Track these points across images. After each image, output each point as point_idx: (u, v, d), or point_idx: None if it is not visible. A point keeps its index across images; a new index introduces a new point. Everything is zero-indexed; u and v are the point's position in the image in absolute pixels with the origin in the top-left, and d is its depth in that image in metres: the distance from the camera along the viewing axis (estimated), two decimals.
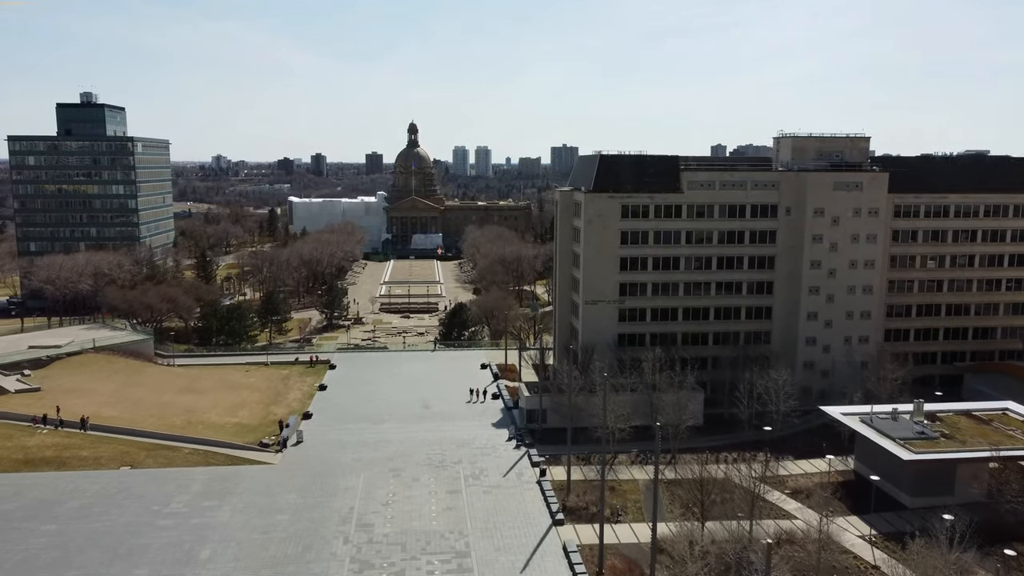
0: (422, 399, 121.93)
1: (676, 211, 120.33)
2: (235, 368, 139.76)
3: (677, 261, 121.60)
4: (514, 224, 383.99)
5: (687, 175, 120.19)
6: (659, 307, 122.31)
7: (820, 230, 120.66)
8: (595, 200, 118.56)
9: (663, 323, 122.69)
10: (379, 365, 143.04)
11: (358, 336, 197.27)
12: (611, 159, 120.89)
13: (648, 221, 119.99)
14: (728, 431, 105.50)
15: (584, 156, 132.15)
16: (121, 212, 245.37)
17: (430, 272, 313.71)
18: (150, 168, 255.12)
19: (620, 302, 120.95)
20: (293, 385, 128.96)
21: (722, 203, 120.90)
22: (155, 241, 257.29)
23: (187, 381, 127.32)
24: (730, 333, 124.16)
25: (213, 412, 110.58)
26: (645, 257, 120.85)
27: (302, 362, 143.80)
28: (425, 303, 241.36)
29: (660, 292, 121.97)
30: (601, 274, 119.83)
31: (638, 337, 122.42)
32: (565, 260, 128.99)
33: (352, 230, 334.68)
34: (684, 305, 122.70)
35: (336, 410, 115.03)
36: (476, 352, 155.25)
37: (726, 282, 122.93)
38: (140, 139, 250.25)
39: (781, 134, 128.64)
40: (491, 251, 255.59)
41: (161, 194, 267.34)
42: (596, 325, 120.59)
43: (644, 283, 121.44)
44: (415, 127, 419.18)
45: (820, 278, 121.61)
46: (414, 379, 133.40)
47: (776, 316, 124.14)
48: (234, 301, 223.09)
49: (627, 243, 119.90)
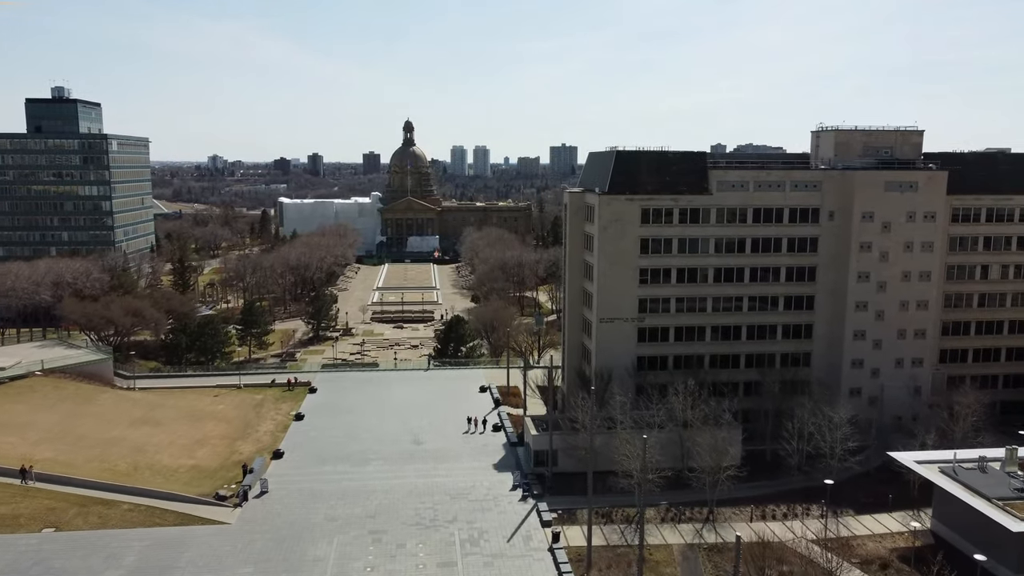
0: (412, 431, 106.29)
1: (704, 215, 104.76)
2: (203, 392, 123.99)
3: (705, 273, 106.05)
4: (514, 225, 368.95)
5: (716, 174, 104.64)
6: (684, 325, 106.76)
7: (869, 237, 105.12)
8: (611, 203, 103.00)
9: (688, 344, 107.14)
10: (365, 388, 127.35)
11: (346, 349, 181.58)
12: (629, 156, 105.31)
13: (672, 227, 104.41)
14: (772, 475, 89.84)
15: (596, 153, 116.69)
16: (95, 215, 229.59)
17: (426, 277, 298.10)
18: (126, 168, 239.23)
19: (640, 320, 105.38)
20: (266, 414, 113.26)
21: (756, 206, 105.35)
22: (133, 245, 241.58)
23: (145, 409, 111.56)
24: (765, 355, 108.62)
25: (168, 451, 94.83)
26: (668, 268, 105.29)
27: (279, 385, 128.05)
28: (420, 311, 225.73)
29: (685, 308, 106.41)
30: (618, 288, 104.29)
31: (660, 360, 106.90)
32: (575, 271, 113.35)
33: (344, 232, 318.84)
34: (713, 323, 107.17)
35: (312, 447, 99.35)
36: (474, 371, 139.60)
37: (760, 296, 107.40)
38: (115, 137, 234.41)
39: (821, 127, 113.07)
40: (491, 256, 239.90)
41: (139, 195, 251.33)
42: (612, 346, 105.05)
43: (667, 298, 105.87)
44: (411, 125, 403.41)
45: (868, 292, 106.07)
46: (404, 405, 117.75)
47: (817, 335, 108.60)
48: (213, 311, 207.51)
49: (648, 252, 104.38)
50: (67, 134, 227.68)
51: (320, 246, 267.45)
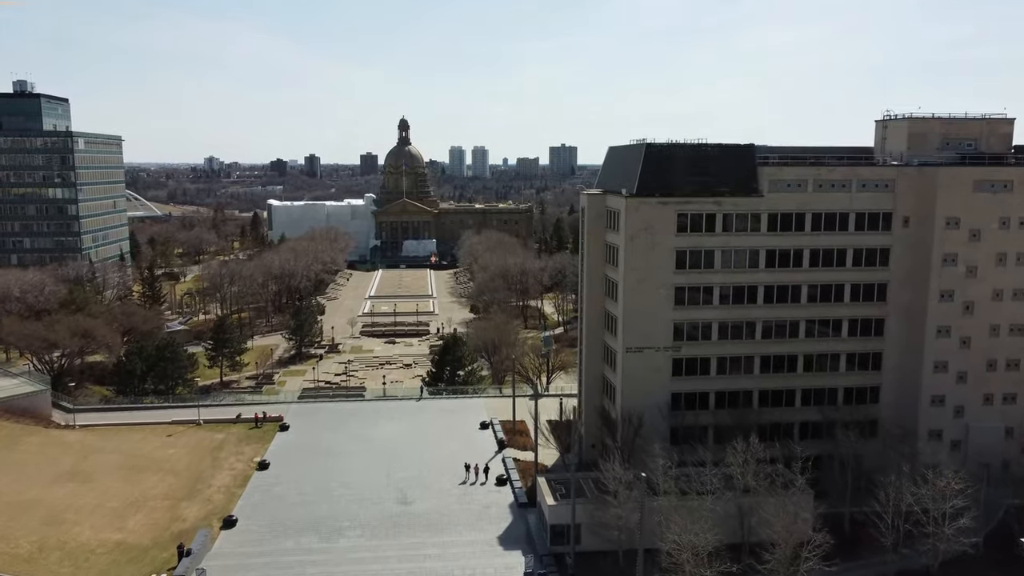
0: (399, 484, 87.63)
1: (753, 222, 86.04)
2: (155, 431, 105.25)
3: (753, 292, 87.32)
4: (515, 228, 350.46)
5: (768, 172, 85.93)
6: (729, 355, 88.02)
7: (953, 247, 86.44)
8: (640, 207, 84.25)
9: (733, 377, 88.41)
10: (346, 424, 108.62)
11: (331, 369, 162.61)
12: (661, 150, 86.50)
13: (714, 236, 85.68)
14: (853, 551, 70.89)
15: (619, 148, 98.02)
16: (60, 219, 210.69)
17: (422, 284, 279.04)
18: (95, 168, 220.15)
19: (675, 349, 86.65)
20: (225, 460, 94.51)
21: (816, 210, 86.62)
22: (103, 253, 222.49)
23: (77, 457, 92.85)
24: (825, 390, 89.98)
25: (91, 520, 76.05)
26: (709, 286, 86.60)
27: (245, 421, 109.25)
28: (414, 324, 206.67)
29: (730, 335, 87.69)
30: (648, 310, 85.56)
31: (699, 397, 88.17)
32: (595, 289, 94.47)
33: (335, 236, 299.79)
34: (763, 352, 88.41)
35: (273, 509, 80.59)
36: (474, 401, 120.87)
37: (820, 320, 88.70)
38: (82, 134, 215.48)
39: (888, 115, 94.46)
40: (491, 262, 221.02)
41: (111, 198, 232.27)
42: (641, 381, 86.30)
43: (708, 322, 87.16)
44: (406, 123, 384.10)
45: (952, 314, 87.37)
46: (391, 447, 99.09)
47: (888, 367, 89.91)
48: (186, 326, 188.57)
49: (684, 267, 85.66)
50: (29, 131, 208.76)
51: (308, 252, 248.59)
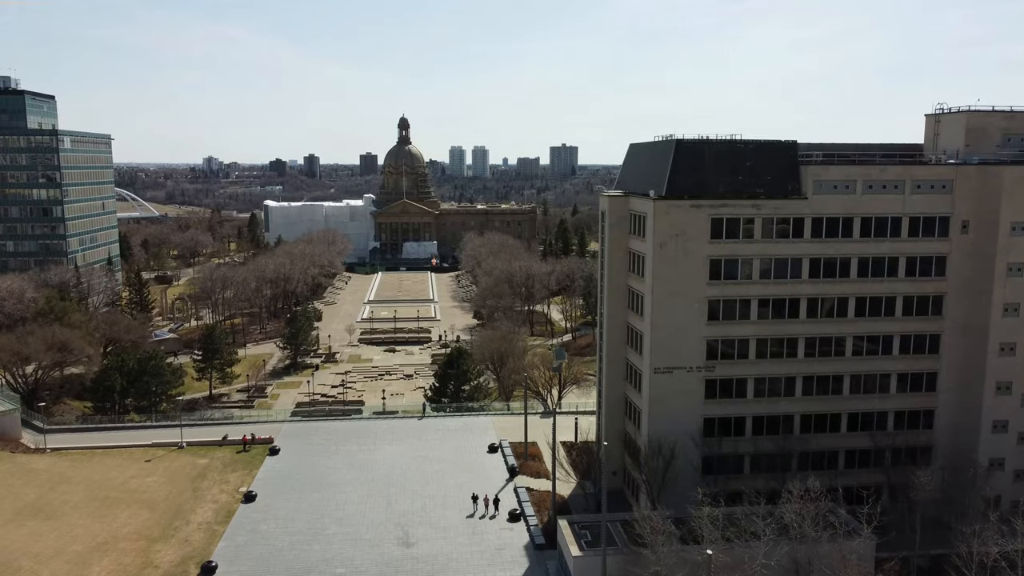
0: (400, 520, 78.57)
1: (795, 227, 76.96)
2: (132, 455, 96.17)
3: (795, 305, 78.25)
4: (517, 230, 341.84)
5: (812, 171, 76.85)
6: (768, 376, 78.94)
7: (1020, 256, 77.38)
8: (671, 211, 75.14)
9: (772, 400, 79.35)
10: (343, 446, 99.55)
11: (327, 381, 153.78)
12: (693, 147, 77.40)
13: (752, 243, 76.63)
14: None
15: (642, 144, 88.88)
16: (44, 221, 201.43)
17: (423, 288, 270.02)
18: (82, 168, 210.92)
19: (708, 369, 77.60)
20: (207, 491, 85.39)
21: (866, 214, 77.54)
22: (90, 256, 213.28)
23: (43, 488, 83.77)
24: (873, 414, 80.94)
25: (50, 568, 66.97)
26: (747, 299, 77.51)
27: (232, 443, 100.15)
28: (415, 330, 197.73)
29: (769, 353, 78.62)
30: (679, 326, 76.49)
31: (735, 423, 79.11)
32: (616, 301, 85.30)
33: (333, 239, 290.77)
34: (805, 372, 79.33)
35: (258, 553, 71.50)
36: (480, 419, 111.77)
37: (869, 336, 79.61)
38: (68, 133, 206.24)
39: (941, 108, 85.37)
40: (495, 266, 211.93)
41: (99, 199, 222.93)
42: (670, 405, 77.23)
43: (745, 339, 78.08)
44: (406, 122, 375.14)
45: (1018, 330, 78.26)
46: (391, 474, 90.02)
47: (943, 388, 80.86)
48: (175, 334, 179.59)
49: (719, 277, 76.62)
50: (12, 129, 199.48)
51: (304, 255, 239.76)
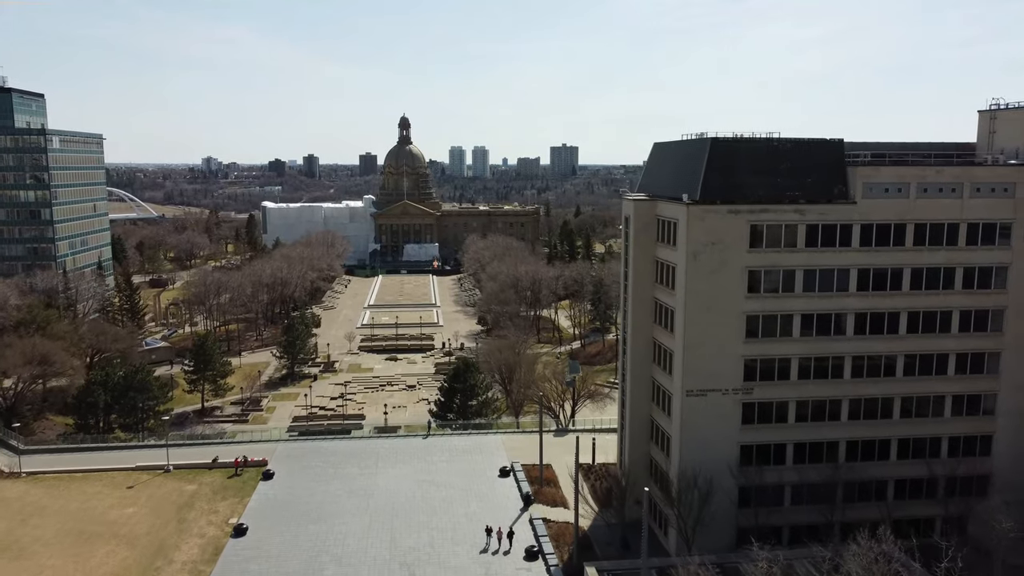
0: (405, 558, 71.29)
1: (842, 234, 69.66)
2: (115, 480, 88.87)
3: (842, 321, 70.97)
4: (520, 231, 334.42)
5: (862, 173, 69.56)
6: (811, 398, 71.69)
7: None
8: (707, 217, 67.84)
9: (816, 426, 72.07)
10: (342, 470, 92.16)
11: (326, 392, 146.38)
12: (730, 146, 70.11)
13: (795, 252, 69.32)
14: None
15: (669, 144, 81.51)
16: (32, 224, 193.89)
17: (424, 291, 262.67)
18: (72, 169, 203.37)
19: (746, 392, 70.31)
20: (194, 523, 78.04)
21: (919, 220, 70.28)
22: (80, 260, 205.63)
23: (15, 520, 76.46)
24: (925, 440, 73.71)
25: None
26: (789, 314, 70.20)
27: (223, 466, 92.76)
28: (418, 337, 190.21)
29: (812, 374, 71.34)
30: (714, 344, 69.18)
31: (775, 450, 71.83)
32: (642, 315, 77.93)
33: (332, 241, 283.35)
34: (852, 395, 72.08)
35: None
36: (490, 438, 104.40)
37: (922, 355, 72.30)
38: (58, 132, 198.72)
39: (996, 104, 78.13)
40: (500, 270, 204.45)
41: (90, 200, 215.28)
42: (704, 431, 69.92)
43: (786, 358, 70.77)
44: (407, 122, 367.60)
45: None
46: (394, 503, 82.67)
47: (1003, 411, 73.57)
48: (168, 342, 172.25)
49: (758, 291, 69.35)
50: None
51: (303, 258, 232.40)
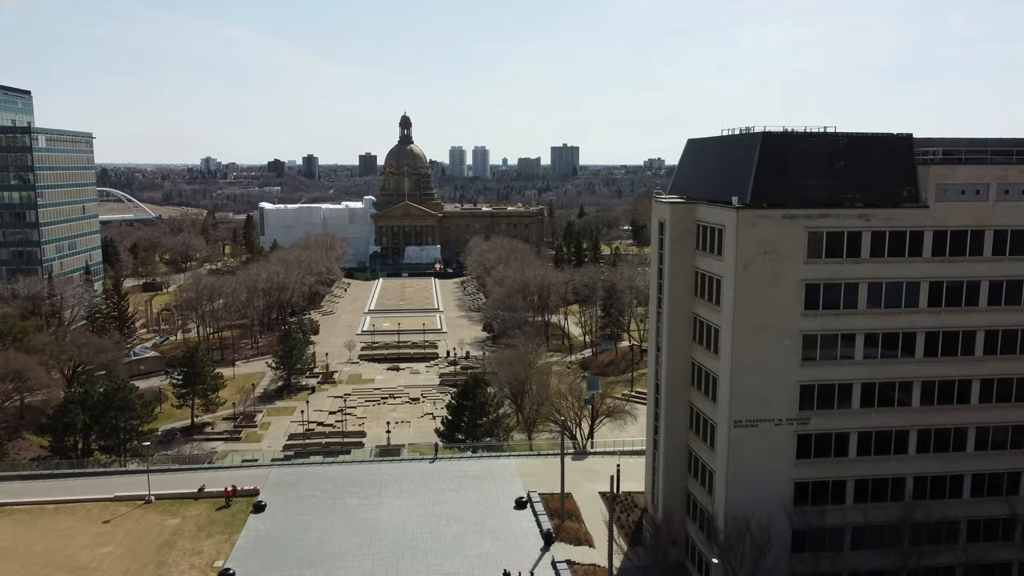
0: None
1: (912, 242, 61.02)
2: (90, 512, 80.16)
3: (911, 341, 62.30)
4: (524, 233, 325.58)
5: (935, 173, 60.89)
6: (874, 429, 63.06)
7: None
8: (759, 223, 59.17)
9: (880, 460, 63.40)
10: (340, 500, 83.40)
11: (324, 406, 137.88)
12: (785, 142, 61.38)
13: (858, 263, 60.68)
14: None
15: (709, 140, 72.84)
16: (16, 227, 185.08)
17: (427, 295, 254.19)
18: (59, 168, 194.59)
19: (801, 422, 61.68)
20: (175, 566, 69.37)
21: (1000, 226, 61.67)
22: (68, 264, 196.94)
23: None
24: (1003, 475, 65.09)
25: None
26: (851, 333, 61.54)
27: (209, 496, 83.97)
28: (421, 345, 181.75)
29: (876, 401, 62.74)
30: (766, 367, 60.55)
31: (832, 488, 63.19)
32: (677, 332, 69.19)
33: (331, 243, 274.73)
34: (920, 424, 63.46)
35: None
36: (503, 461, 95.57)
37: (1001, 379, 63.70)
38: (44, 130, 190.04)
39: None
40: (506, 275, 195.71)
41: (79, 202, 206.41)
42: (753, 466, 61.32)
43: (847, 384, 62.15)
44: (408, 120, 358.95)
45: None
46: (399, 541, 73.96)
47: None
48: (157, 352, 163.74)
49: (816, 307, 60.68)
50: None
51: (300, 262, 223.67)
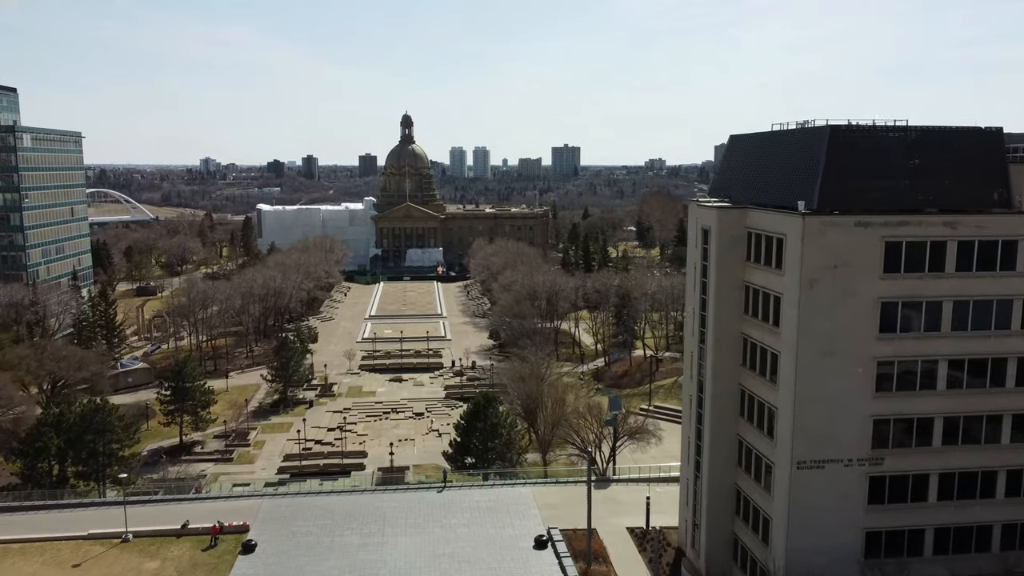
0: None
1: (1005, 254, 52.43)
2: (59, 553, 71.50)
3: (1001, 368, 53.69)
4: (529, 235, 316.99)
5: None
6: (958, 470, 54.51)
7: None
8: (827, 232, 50.59)
9: (964, 505, 54.82)
10: (339, 537, 74.75)
11: (322, 421, 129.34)
12: (855, 138, 52.83)
13: (942, 278, 52.09)
14: None
15: (762, 135, 64.17)
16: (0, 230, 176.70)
17: (429, 300, 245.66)
18: (45, 169, 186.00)
19: (875, 462, 53.11)
20: None
21: None
22: (55, 269, 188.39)
23: None
24: None
25: None
26: (932, 359, 52.94)
27: (193, 533, 75.29)
28: (424, 354, 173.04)
29: (961, 438, 54.18)
30: (834, 400, 51.99)
31: (909, 538, 54.62)
32: (725, 356, 60.54)
33: (331, 246, 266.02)
34: (1012, 464, 54.87)
35: None
36: (517, 489, 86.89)
37: None
38: (29, 129, 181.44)
39: None
40: (513, 280, 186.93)
41: (67, 204, 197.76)
42: (819, 512, 52.76)
43: (928, 419, 53.57)
44: (409, 120, 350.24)
45: None
46: None
47: None
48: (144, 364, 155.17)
49: (894, 329, 52.11)
50: None
51: (298, 266, 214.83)
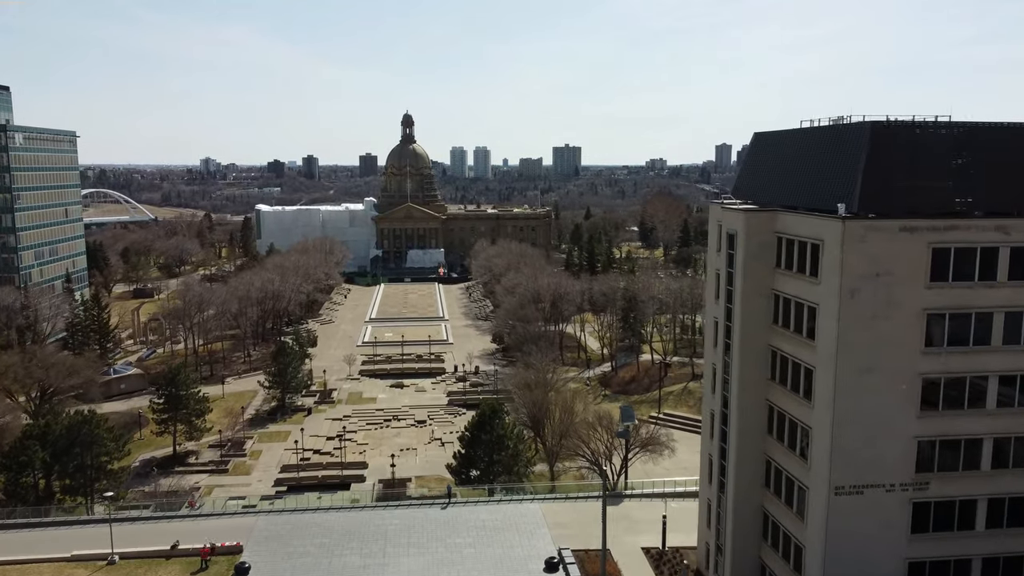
0: None
1: None
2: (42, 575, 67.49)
3: None
4: (531, 236, 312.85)
5: None
6: (1008, 495, 50.30)
7: None
8: (869, 237, 46.39)
9: (1016, 533, 50.59)
10: (339, 558, 70.55)
11: (321, 430, 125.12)
12: (898, 136, 48.57)
13: (993, 288, 47.90)
14: None
15: (791, 132, 59.82)
16: None
17: (431, 303, 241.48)
18: (39, 169, 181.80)
19: (919, 487, 48.90)
20: None
21: None
22: (48, 272, 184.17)
23: None
24: None
25: None
26: (982, 375, 48.76)
27: (183, 555, 71.17)
28: (427, 358, 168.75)
29: (1011, 461, 49.97)
30: (876, 420, 47.81)
31: (955, 569, 50.42)
32: (752, 367, 56.29)
33: (331, 248, 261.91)
34: None
35: None
36: (525, 506, 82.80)
37: None
38: (21, 128, 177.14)
39: None
40: (517, 282, 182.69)
41: (60, 205, 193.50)
42: (858, 541, 48.57)
43: (976, 440, 49.34)
44: (410, 119, 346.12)
45: None
46: None
47: None
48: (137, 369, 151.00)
49: (940, 342, 47.92)
50: None
51: (298, 268, 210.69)
